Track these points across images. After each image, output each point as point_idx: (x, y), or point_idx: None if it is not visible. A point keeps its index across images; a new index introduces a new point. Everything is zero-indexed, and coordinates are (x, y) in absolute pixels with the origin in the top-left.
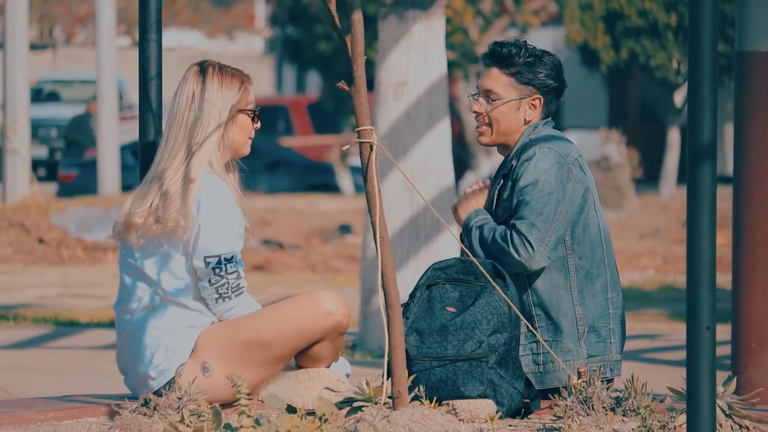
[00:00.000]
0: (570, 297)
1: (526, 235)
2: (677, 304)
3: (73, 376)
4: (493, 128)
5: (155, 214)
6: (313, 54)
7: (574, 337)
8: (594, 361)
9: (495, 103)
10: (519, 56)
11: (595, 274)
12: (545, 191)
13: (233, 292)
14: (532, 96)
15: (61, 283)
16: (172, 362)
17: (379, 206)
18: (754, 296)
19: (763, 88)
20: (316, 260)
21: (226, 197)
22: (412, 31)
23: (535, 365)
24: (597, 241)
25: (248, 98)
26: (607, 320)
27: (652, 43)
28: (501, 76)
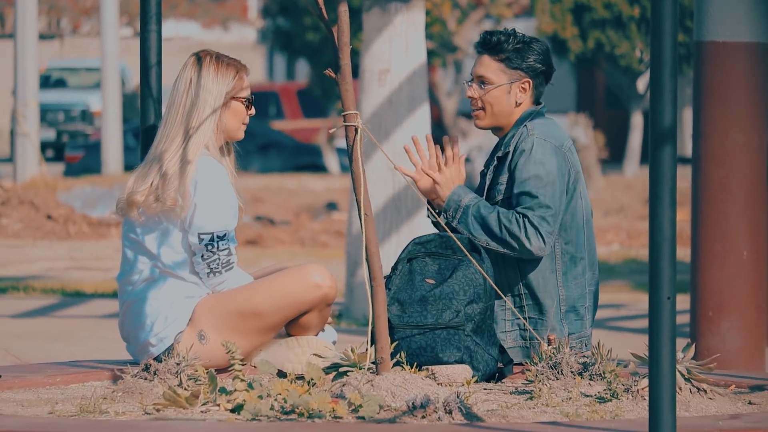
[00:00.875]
0: (555, 279)
1: (539, 228)
2: (640, 275)
3: (79, 343)
4: (487, 111)
5: (155, 193)
6: (302, 43)
7: (557, 317)
8: (573, 338)
9: (487, 88)
10: (508, 43)
11: (578, 258)
12: (550, 184)
13: (223, 268)
14: (522, 80)
15: (68, 256)
16: (170, 330)
17: (364, 185)
18: (711, 269)
19: (719, 76)
20: (305, 235)
21: (221, 178)
22: (394, 22)
23: (522, 340)
24: (581, 226)
25: (242, 86)
26: (584, 299)
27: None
28: (492, 62)
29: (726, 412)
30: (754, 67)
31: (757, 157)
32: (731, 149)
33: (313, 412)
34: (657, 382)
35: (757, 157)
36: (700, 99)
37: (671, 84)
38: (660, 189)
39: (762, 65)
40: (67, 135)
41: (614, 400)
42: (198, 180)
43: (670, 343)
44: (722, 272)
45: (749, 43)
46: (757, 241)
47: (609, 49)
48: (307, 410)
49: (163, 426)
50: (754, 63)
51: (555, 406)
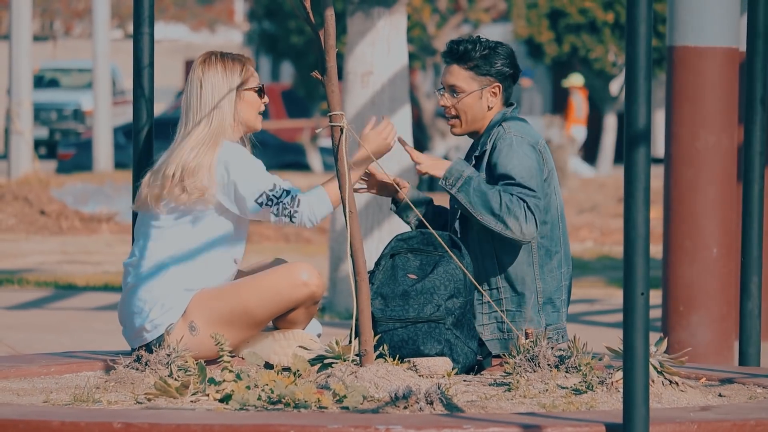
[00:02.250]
0: (532, 272)
1: (534, 213)
2: (613, 272)
3: (72, 334)
4: (462, 119)
5: (180, 185)
6: (286, 46)
7: (535, 308)
8: (550, 329)
9: (459, 96)
10: (475, 51)
11: (553, 251)
12: (534, 177)
13: (293, 207)
14: (492, 85)
15: (60, 250)
16: (164, 319)
17: (348, 183)
18: (682, 265)
19: (690, 79)
20: (290, 231)
21: (246, 152)
22: (376, 26)
23: (500, 332)
24: (556, 221)
25: (251, 77)
26: (560, 292)
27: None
28: (461, 71)
29: (697, 404)
30: (724, 71)
31: (726, 157)
32: (702, 150)
33: (298, 402)
34: (631, 374)
35: (726, 158)
36: (672, 101)
37: (646, 87)
38: (634, 188)
39: (731, 69)
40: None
41: (589, 392)
42: (227, 160)
43: (643, 338)
44: (692, 268)
45: (719, 48)
46: (726, 238)
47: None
48: (293, 400)
49: (154, 415)
50: (724, 67)
51: (532, 398)
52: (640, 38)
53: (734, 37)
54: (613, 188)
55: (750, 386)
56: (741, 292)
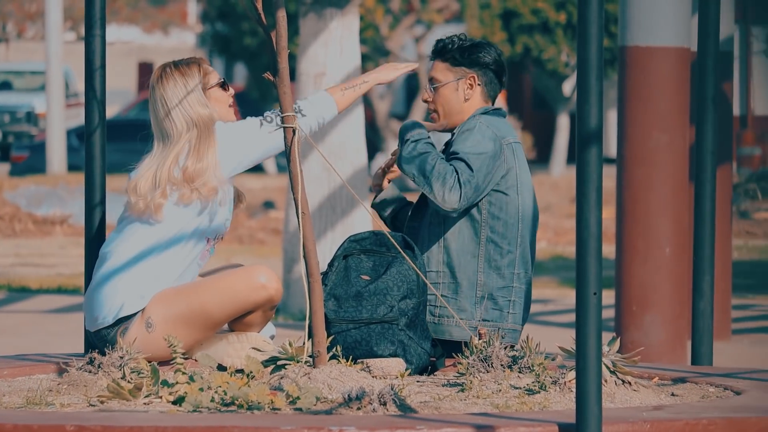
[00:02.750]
0: (476, 264)
1: (462, 186)
2: (567, 272)
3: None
4: (440, 112)
5: (188, 186)
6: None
7: (471, 300)
8: (488, 325)
9: (435, 87)
10: (453, 44)
11: (504, 250)
12: (481, 160)
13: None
14: (467, 75)
15: (13, 253)
16: (124, 310)
17: (301, 185)
18: (634, 265)
19: (642, 79)
20: (243, 233)
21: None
22: (329, 27)
23: (431, 315)
24: (513, 221)
25: (211, 75)
26: (508, 292)
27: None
28: (439, 64)
29: (650, 403)
30: (675, 71)
31: (679, 156)
32: (654, 149)
33: (252, 404)
34: (583, 374)
35: (679, 157)
36: (625, 101)
37: (597, 87)
38: (586, 188)
39: (683, 68)
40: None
41: (542, 391)
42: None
43: (596, 337)
44: (645, 268)
45: (671, 48)
46: (678, 238)
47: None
48: (247, 402)
49: (107, 417)
50: (675, 66)
51: (485, 398)
52: (591, 38)
53: (685, 36)
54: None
55: (702, 385)
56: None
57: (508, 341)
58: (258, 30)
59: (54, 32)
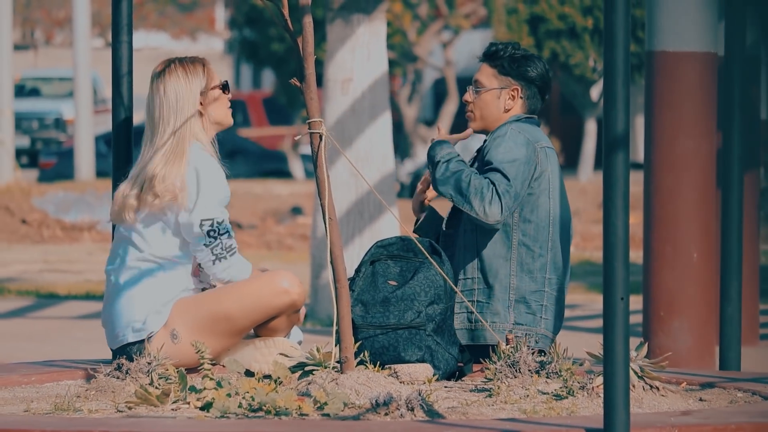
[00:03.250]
0: (508, 267)
1: (501, 197)
2: (594, 277)
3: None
4: (476, 114)
5: (152, 191)
6: (267, 54)
7: (504, 303)
8: (520, 329)
9: (480, 91)
10: (504, 52)
11: (536, 254)
12: (516, 167)
13: (227, 252)
14: (511, 86)
15: (42, 259)
16: (147, 326)
17: (328, 190)
18: (662, 270)
19: (669, 84)
20: (271, 239)
21: (216, 169)
22: (356, 33)
23: (468, 322)
24: (545, 224)
25: (213, 76)
26: (540, 296)
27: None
28: (487, 68)
29: (677, 409)
30: (702, 76)
31: (706, 162)
32: (681, 155)
33: (279, 410)
34: (611, 379)
35: (706, 163)
36: (652, 107)
37: (624, 92)
38: (613, 193)
39: (710, 74)
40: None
41: (570, 397)
42: (198, 169)
43: (623, 342)
44: (673, 273)
45: (698, 53)
46: (706, 243)
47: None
48: (274, 408)
49: (135, 423)
50: (702, 72)
51: (513, 403)
52: (618, 44)
53: (712, 41)
54: (593, 194)
55: (730, 390)
56: (721, 297)
57: (540, 346)
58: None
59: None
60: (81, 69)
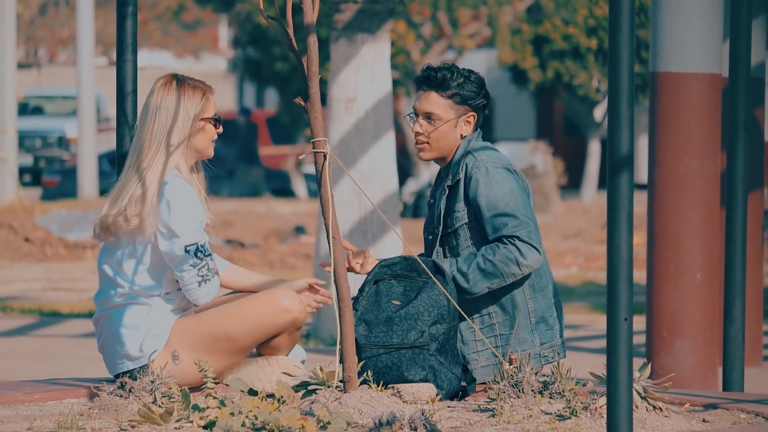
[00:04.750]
0: (522, 293)
1: (530, 243)
2: (598, 297)
3: (56, 361)
4: (432, 145)
5: (124, 214)
6: (271, 73)
7: (528, 329)
8: (545, 348)
9: (436, 123)
10: (453, 80)
11: (539, 271)
12: (520, 200)
13: (211, 274)
14: (467, 114)
15: (44, 277)
16: (145, 348)
17: (332, 210)
18: (665, 290)
19: (673, 105)
20: (274, 258)
21: (192, 196)
22: (360, 52)
23: (494, 357)
24: None
25: (210, 107)
26: (551, 309)
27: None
28: (439, 99)
29: (681, 430)
30: (706, 97)
31: (709, 182)
32: (685, 175)
33: (282, 429)
34: (614, 400)
35: (710, 183)
36: (656, 127)
37: (629, 113)
38: (617, 213)
39: (713, 95)
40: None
41: (573, 417)
42: (170, 199)
43: (627, 363)
44: (676, 294)
45: (702, 74)
46: (709, 263)
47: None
48: (277, 427)
49: None
50: (706, 92)
51: (516, 423)
52: (622, 64)
53: (717, 62)
54: (597, 214)
55: (734, 411)
56: (724, 318)
57: (562, 357)
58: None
59: (85, 57)
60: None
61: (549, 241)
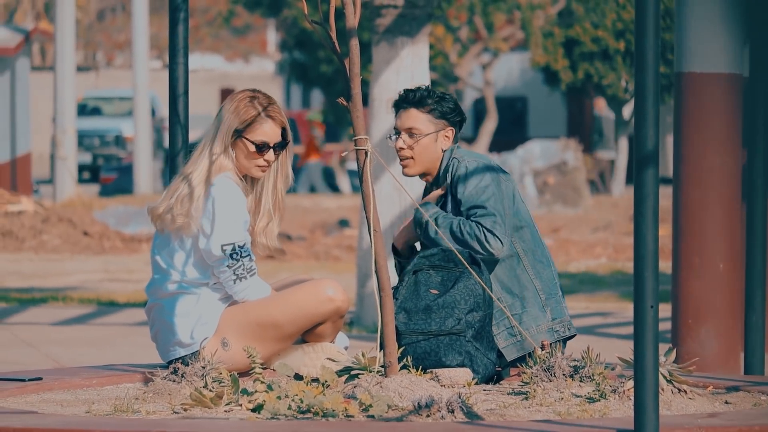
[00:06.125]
0: (527, 274)
1: (493, 231)
2: (626, 286)
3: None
4: (417, 160)
5: (171, 212)
6: (316, 75)
7: (538, 305)
8: (557, 323)
9: (418, 137)
10: (430, 97)
11: (538, 251)
12: (492, 194)
13: (248, 273)
14: (446, 128)
15: (102, 269)
16: (196, 336)
17: (373, 204)
18: (690, 279)
19: (697, 104)
20: (319, 250)
21: (236, 197)
22: (400, 55)
23: (512, 337)
24: (530, 223)
25: (258, 131)
26: (555, 287)
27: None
28: (419, 114)
29: (705, 411)
30: (728, 96)
31: (732, 177)
32: (708, 171)
33: (327, 412)
34: (641, 383)
35: (732, 178)
36: (680, 125)
37: (654, 112)
38: (644, 207)
39: (736, 94)
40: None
41: (602, 400)
42: (215, 198)
43: (653, 348)
44: (700, 283)
45: (724, 74)
46: (732, 254)
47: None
48: (322, 410)
49: (190, 424)
50: (728, 92)
51: (548, 406)
52: (648, 66)
53: (738, 63)
54: (625, 207)
55: (755, 394)
56: (746, 306)
57: (573, 333)
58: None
59: (141, 60)
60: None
61: (579, 233)
